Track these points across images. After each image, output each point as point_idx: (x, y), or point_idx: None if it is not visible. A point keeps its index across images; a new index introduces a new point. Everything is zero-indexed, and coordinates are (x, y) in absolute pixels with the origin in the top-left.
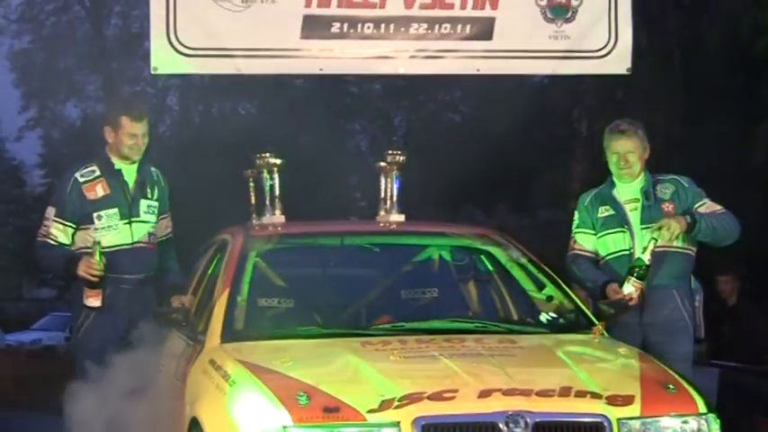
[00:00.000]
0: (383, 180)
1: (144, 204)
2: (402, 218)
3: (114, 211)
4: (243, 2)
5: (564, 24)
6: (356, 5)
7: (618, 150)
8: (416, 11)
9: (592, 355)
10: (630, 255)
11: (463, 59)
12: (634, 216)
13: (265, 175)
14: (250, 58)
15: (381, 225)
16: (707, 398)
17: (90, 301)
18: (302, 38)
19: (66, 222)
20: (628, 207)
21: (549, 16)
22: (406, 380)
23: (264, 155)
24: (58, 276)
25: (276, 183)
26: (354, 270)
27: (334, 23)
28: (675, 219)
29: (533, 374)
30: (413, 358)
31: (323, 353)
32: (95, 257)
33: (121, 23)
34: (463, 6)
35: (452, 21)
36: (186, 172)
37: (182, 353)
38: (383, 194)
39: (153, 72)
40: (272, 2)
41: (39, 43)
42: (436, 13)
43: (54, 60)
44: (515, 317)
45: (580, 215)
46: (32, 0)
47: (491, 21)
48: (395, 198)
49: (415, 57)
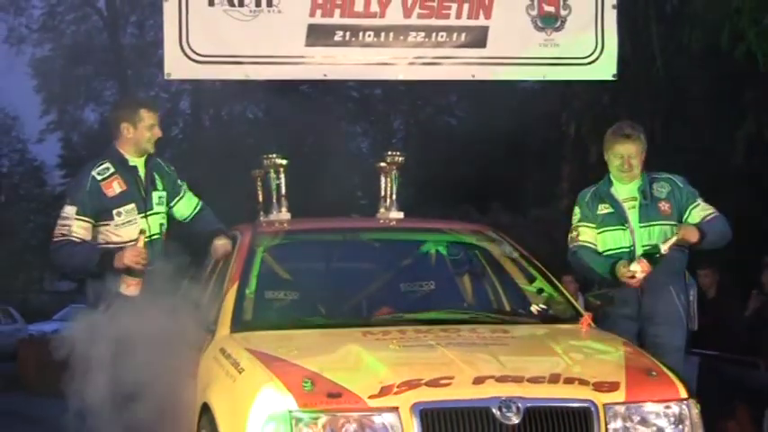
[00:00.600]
0: (383, 179)
1: (155, 196)
2: (401, 215)
3: (132, 206)
4: (251, 11)
5: (553, 33)
6: (358, 15)
7: (622, 154)
8: (414, 20)
9: (579, 344)
10: (631, 252)
11: (459, 66)
12: (632, 214)
13: (272, 175)
14: (258, 64)
15: (381, 222)
16: (688, 384)
17: (130, 290)
18: (307, 45)
19: (87, 219)
20: (626, 205)
21: (540, 25)
22: (404, 367)
23: (271, 156)
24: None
25: (282, 182)
26: (356, 264)
27: (337, 32)
28: (691, 231)
29: (525, 362)
30: (411, 347)
31: (326, 342)
32: (142, 246)
33: (137, 32)
34: (458, 16)
35: (448, 29)
36: (197, 172)
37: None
38: (383, 193)
39: (166, 78)
40: (279, 11)
41: (59, 51)
42: (433, 22)
43: (73, 67)
44: (508, 308)
45: (582, 210)
46: (53, 10)
47: (485, 29)
48: (394, 196)
49: (413, 63)
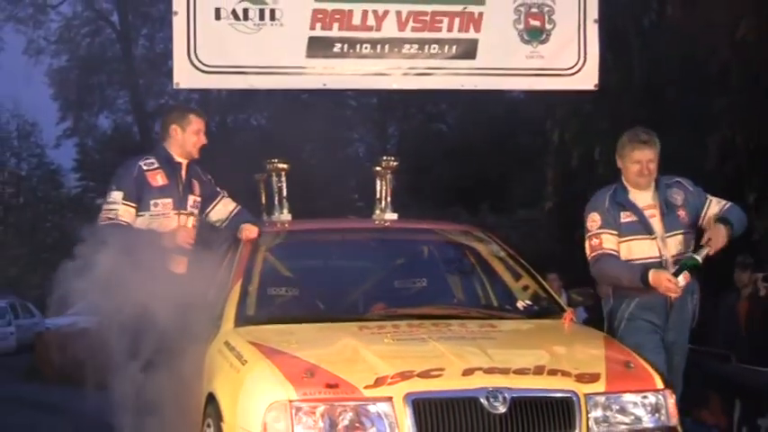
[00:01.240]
0: (378, 183)
1: (191, 200)
2: (395, 216)
3: (169, 201)
4: (255, 25)
5: (539, 45)
6: (355, 28)
7: (639, 159)
8: (408, 33)
9: (562, 338)
10: (660, 263)
11: (449, 76)
12: (654, 223)
13: (274, 179)
14: (261, 74)
15: (377, 223)
16: (664, 376)
17: (180, 268)
18: (307, 57)
19: (132, 204)
20: (647, 214)
21: (526, 38)
22: (398, 359)
23: (273, 161)
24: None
25: (284, 185)
26: (353, 262)
27: (335, 44)
28: (720, 233)
29: (511, 355)
30: (404, 341)
31: (325, 336)
32: (192, 228)
33: (148, 44)
34: (450, 29)
35: (440, 42)
36: None
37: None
38: (378, 195)
39: (175, 87)
40: (281, 25)
41: (74, 62)
42: (426, 35)
43: (88, 77)
44: (495, 304)
45: (603, 217)
46: (69, 24)
47: (474, 42)
48: (389, 199)
49: (407, 74)
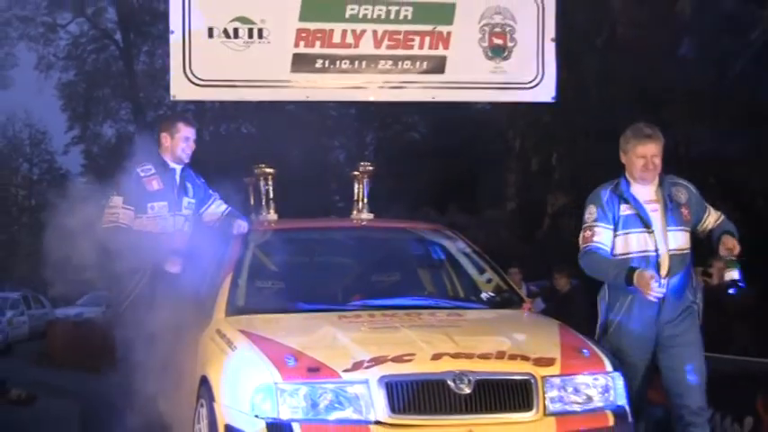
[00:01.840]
0: (356, 186)
1: (185, 201)
2: (371, 216)
3: (164, 204)
4: (244, 42)
5: (502, 62)
6: (335, 46)
7: (645, 154)
8: (383, 50)
9: (522, 326)
10: (657, 256)
11: (421, 89)
12: (655, 217)
13: (261, 182)
14: (250, 87)
15: (355, 222)
16: (614, 360)
17: (175, 268)
18: (292, 72)
19: (130, 208)
20: (648, 207)
21: (490, 55)
22: (373, 346)
23: (261, 165)
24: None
25: (270, 188)
26: (333, 258)
27: (317, 60)
28: (733, 242)
29: (475, 341)
30: (379, 329)
31: (307, 324)
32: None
33: (148, 60)
34: (421, 47)
35: (412, 58)
36: None
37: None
38: (356, 197)
39: (172, 99)
40: (268, 42)
41: (81, 76)
42: (399, 52)
43: (93, 90)
44: (461, 295)
45: (600, 210)
46: (76, 41)
47: (443, 58)
48: (365, 200)
49: (382, 87)
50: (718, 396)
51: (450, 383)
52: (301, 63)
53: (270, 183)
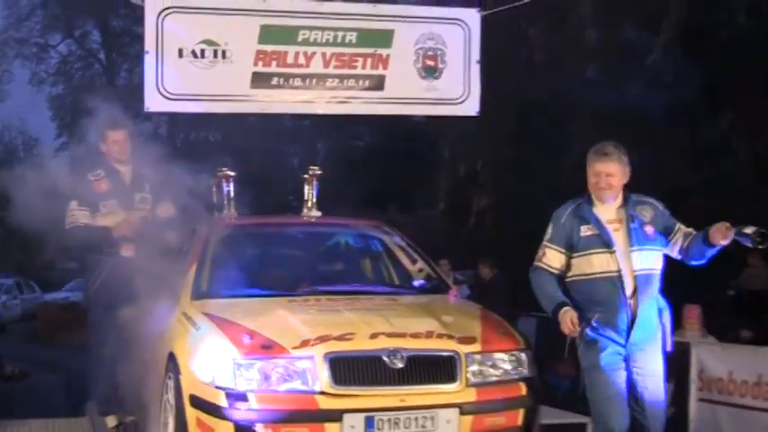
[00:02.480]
0: (306, 187)
1: (137, 197)
2: (319, 214)
3: (113, 201)
4: (210, 62)
5: (433, 81)
6: (289, 66)
7: (599, 172)
8: (331, 69)
9: (448, 309)
10: (619, 277)
11: (364, 104)
12: (617, 237)
13: (224, 183)
14: (214, 101)
15: (304, 219)
16: (526, 339)
17: (128, 252)
18: (251, 88)
19: (85, 209)
20: (610, 228)
21: (423, 75)
22: (319, 326)
23: (223, 169)
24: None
25: (231, 188)
26: (285, 250)
27: (273, 78)
28: (717, 226)
29: (408, 322)
30: (324, 311)
31: (262, 308)
32: (131, 221)
33: (127, 76)
34: (363, 67)
35: (356, 77)
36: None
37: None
38: (306, 197)
39: (146, 110)
40: (231, 62)
41: (69, 90)
42: (345, 71)
43: (80, 102)
44: (396, 283)
45: (554, 230)
46: (65, 60)
47: (383, 77)
48: (314, 200)
49: (330, 102)
50: None
51: (386, 359)
52: (259, 80)
53: (231, 184)
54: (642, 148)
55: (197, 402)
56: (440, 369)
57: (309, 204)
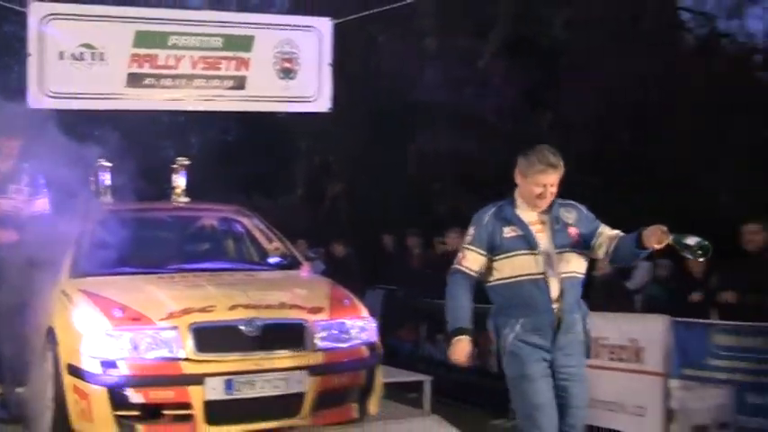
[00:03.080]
0: (174, 176)
1: (12, 188)
2: (188, 199)
3: None
4: (88, 64)
5: (289, 81)
6: (161, 67)
7: (545, 183)
8: (199, 71)
9: (300, 283)
10: (544, 279)
11: (228, 102)
12: (541, 238)
13: (100, 174)
14: (93, 99)
15: (174, 204)
16: (371, 308)
17: (8, 238)
18: (126, 87)
19: None
20: (534, 229)
21: (281, 76)
22: (183, 300)
23: (100, 160)
24: None
25: (107, 178)
26: (155, 232)
27: (147, 78)
28: (652, 229)
29: (263, 295)
30: (189, 287)
31: (133, 284)
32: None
33: (16, 77)
34: (227, 69)
35: (220, 77)
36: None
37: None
38: (174, 185)
39: (30, 107)
40: (108, 64)
41: None
42: (210, 72)
43: None
44: (255, 260)
45: (477, 232)
46: None
47: (244, 78)
48: (183, 187)
49: (198, 100)
50: None
51: (242, 328)
52: (134, 80)
53: (107, 174)
54: (474, 141)
55: (73, 370)
56: (291, 336)
57: (178, 191)
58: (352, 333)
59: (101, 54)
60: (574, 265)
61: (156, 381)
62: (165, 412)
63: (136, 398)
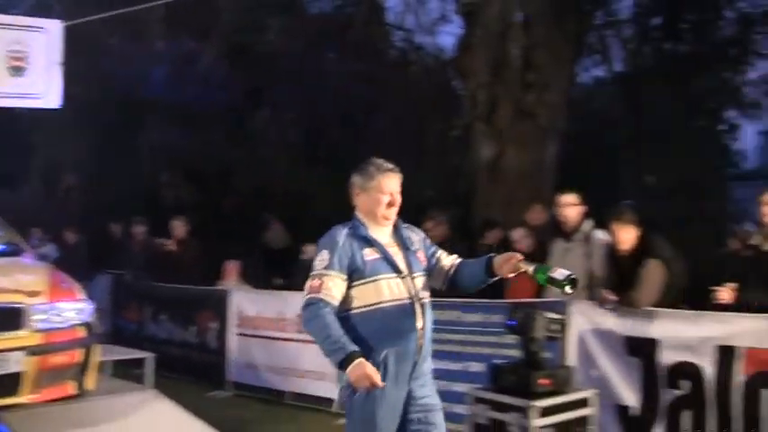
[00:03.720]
0: None
1: None
2: None
3: None
4: None
5: (20, 78)
6: None
7: (391, 190)
8: None
9: (21, 269)
10: (411, 304)
11: None
12: (399, 261)
13: None
14: None
15: None
16: (100, 292)
17: None
18: None
19: None
20: (390, 251)
21: (12, 73)
22: None
23: None
24: None
25: None
26: None
27: None
28: (506, 255)
29: None
30: None
31: None
32: None
33: None
34: None
35: None
36: None
37: None
38: None
39: None
40: None
41: None
42: None
43: None
44: None
45: (334, 255)
46: None
47: None
48: None
49: None
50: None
51: None
52: None
53: None
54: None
55: None
56: (10, 318)
57: None
58: (70, 315)
59: None
60: (426, 288)
61: None
62: None
63: None
